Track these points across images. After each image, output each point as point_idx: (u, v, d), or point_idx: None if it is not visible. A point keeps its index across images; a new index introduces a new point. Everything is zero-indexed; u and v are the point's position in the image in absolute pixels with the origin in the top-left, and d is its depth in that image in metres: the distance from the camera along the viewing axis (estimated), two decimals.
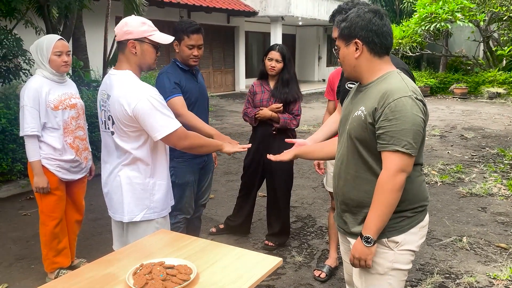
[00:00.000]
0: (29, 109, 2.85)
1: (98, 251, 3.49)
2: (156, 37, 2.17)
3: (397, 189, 1.68)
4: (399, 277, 1.84)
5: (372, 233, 1.73)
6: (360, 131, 1.76)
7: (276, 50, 3.50)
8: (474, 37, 15.68)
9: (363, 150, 1.78)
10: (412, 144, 1.66)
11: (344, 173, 1.86)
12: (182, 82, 2.92)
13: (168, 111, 2.11)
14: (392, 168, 1.67)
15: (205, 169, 3.18)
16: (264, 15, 15.13)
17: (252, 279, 1.68)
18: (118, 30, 2.16)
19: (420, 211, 1.83)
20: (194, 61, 2.95)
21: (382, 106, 1.68)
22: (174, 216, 3.11)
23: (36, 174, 2.92)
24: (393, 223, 1.77)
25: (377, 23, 1.74)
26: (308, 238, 3.98)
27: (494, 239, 3.92)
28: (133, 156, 2.15)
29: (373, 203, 1.73)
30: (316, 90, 17.20)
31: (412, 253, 1.85)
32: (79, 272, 1.80)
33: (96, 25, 8.75)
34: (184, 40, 2.90)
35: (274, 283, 3.20)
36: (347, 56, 1.82)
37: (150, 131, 2.08)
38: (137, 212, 2.21)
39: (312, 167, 6.29)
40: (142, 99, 2.03)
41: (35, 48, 2.92)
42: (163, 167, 2.27)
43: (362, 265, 1.79)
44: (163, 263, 1.73)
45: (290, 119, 3.54)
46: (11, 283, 3.18)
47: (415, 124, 1.66)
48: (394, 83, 1.72)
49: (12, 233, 4.05)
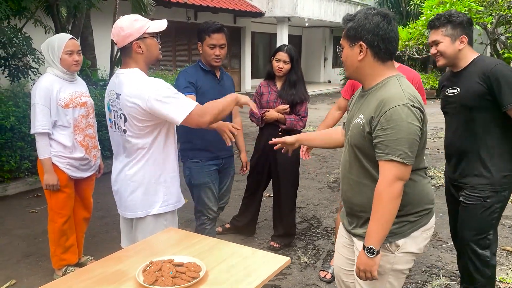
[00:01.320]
0: (40, 107, 2.88)
1: (105, 248, 3.51)
2: (152, 27, 2.19)
3: (394, 197, 1.69)
4: (398, 276, 1.87)
5: (375, 243, 1.72)
6: (359, 139, 1.79)
7: (284, 51, 3.50)
8: (481, 40, 15.60)
9: (362, 158, 1.80)
10: (408, 153, 1.66)
11: (347, 178, 1.90)
12: (199, 82, 2.93)
13: (180, 95, 2.11)
14: (388, 177, 1.68)
15: (223, 173, 3.20)
16: (271, 16, 15.13)
17: (261, 278, 1.70)
18: (116, 37, 2.15)
19: (424, 214, 1.83)
20: (216, 61, 2.96)
21: (378, 115, 1.69)
22: (198, 217, 3.14)
23: (46, 172, 2.95)
24: (395, 228, 1.77)
25: (384, 28, 1.73)
26: (313, 238, 3.99)
27: (501, 242, 3.91)
28: (146, 151, 2.18)
29: (372, 213, 1.73)
30: (321, 91, 17.20)
31: (413, 255, 1.86)
32: (89, 268, 1.82)
33: (104, 25, 8.79)
34: (205, 40, 2.92)
35: (280, 283, 3.21)
36: (350, 57, 1.81)
37: (170, 118, 2.07)
38: (152, 206, 2.24)
39: (318, 168, 6.30)
40: (153, 92, 2.05)
41: (46, 47, 2.95)
42: (173, 160, 2.30)
43: (368, 277, 1.77)
44: (173, 260, 1.75)
45: (297, 120, 3.55)
46: (19, 279, 3.22)
47: (411, 133, 1.66)
48: (392, 90, 1.72)
49: (20, 230, 4.09)
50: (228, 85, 3.17)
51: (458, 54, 2.47)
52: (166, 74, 8.41)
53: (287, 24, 15.53)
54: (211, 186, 3.08)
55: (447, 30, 2.44)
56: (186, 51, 13.65)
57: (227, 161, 3.20)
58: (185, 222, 4.23)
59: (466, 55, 2.47)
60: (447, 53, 2.47)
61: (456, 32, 2.43)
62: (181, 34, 12.81)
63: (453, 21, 2.43)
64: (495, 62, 2.40)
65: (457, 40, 2.44)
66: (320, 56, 20.64)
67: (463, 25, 2.44)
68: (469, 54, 2.48)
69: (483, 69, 2.39)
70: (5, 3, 4.79)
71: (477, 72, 2.41)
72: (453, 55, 2.47)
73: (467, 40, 2.45)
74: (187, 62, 12.70)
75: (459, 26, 2.43)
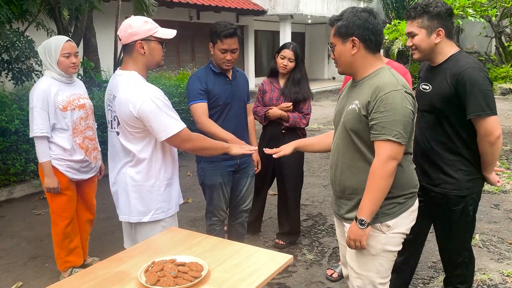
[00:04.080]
0: (38, 111, 2.87)
1: (111, 249, 3.52)
2: (160, 33, 2.18)
3: (388, 175, 1.83)
4: (389, 257, 2.00)
5: (366, 216, 1.87)
6: (354, 122, 1.90)
7: (290, 49, 3.47)
8: (486, 33, 15.49)
9: (357, 140, 1.92)
10: (402, 133, 1.81)
11: (341, 163, 2.01)
12: (210, 85, 2.91)
13: (173, 112, 2.11)
14: (383, 156, 1.82)
15: (240, 173, 3.14)
16: (273, 14, 15.10)
17: (263, 276, 1.69)
18: (123, 33, 2.14)
19: (410, 197, 1.98)
20: (226, 66, 2.93)
21: (374, 99, 1.83)
22: (209, 218, 3.14)
23: (47, 175, 2.95)
24: (386, 209, 1.92)
25: (372, 22, 1.88)
26: (319, 236, 3.98)
27: (507, 236, 3.88)
28: (138, 156, 2.16)
29: (366, 188, 1.87)
30: (325, 88, 17.14)
31: (403, 235, 2.00)
32: (91, 269, 1.82)
33: (107, 26, 8.82)
34: (217, 44, 2.86)
35: (285, 280, 3.20)
36: (344, 53, 1.93)
37: (155, 132, 2.08)
38: (144, 213, 2.22)
39: (323, 165, 6.28)
40: (147, 100, 2.03)
41: (43, 50, 2.94)
42: (169, 166, 2.26)
43: (357, 246, 1.92)
44: (175, 260, 1.75)
45: (300, 118, 3.53)
46: (26, 282, 3.23)
47: (405, 115, 1.81)
48: (386, 78, 1.86)
49: (26, 232, 4.11)
50: (241, 84, 3.13)
51: (435, 48, 2.28)
52: (169, 74, 8.41)
53: (290, 21, 15.48)
54: (224, 187, 3.06)
55: (423, 21, 2.25)
56: (189, 51, 13.66)
57: (244, 161, 3.12)
58: (190, 221, 4.24)
59: (442, 50, 2.29)
60: (422, 46, 2.28)
61: (432, 24, 2.24)
62: (184, 34, 12.81)
63: (429, 11, 2.22)
64: (468, 64, 2.20)
65: (434, 33, 2.25)
66: (323, 53, 20.57)
67: (440, 16, 2.23)
68: (447, 49, 2.29)
69: (454, 70, 2.23)
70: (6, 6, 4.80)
71: (449, 72, 2.25)
72: (429, 49, 2.29)
73: (444, 33, 2.26)
74: (190, 62, 12.71)
75: (436, 17, 2.23)
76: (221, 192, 3.06)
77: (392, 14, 17.79)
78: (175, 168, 2.32)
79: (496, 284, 3.10)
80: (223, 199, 3.08)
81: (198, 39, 13.66)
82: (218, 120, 2.94)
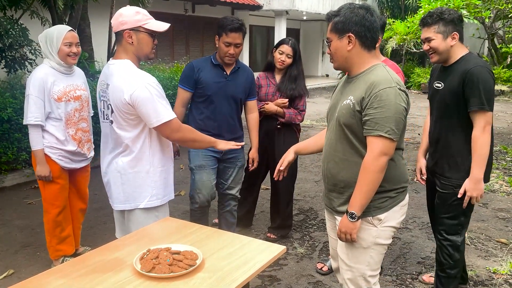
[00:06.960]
0: (34, 99, 2.86)
1: (103, 239, 3.53)
2: (151, 25, 2.18)
3: (379, 170, 1.87)
4: (379, 251, 2.04)
5: (357, 209, 1.91)
6: (348, 117, 1.93)
7: (289, 45, 3.47)
8: (479, 34, 15.62)
9: (351, 135, 1.95)
10: (394, 130, 1.84)
11: (333, 156, 2.04)
12: (202, 73, 3.01)
13: (165, 101, 2.13)
14: (375, 151, 1.85)
15: (227, 163, 3.23)
16: (269, 9, 15.07)
17: (257, 266, 1.72)
18: (114, 21, 2.17)
19: (401, 191, 2.03)
20: (229, 59, 3.01)
21: (369, 95, 1.86)
22: (191, 202, 3.23)
23: (39, 163, 2.94)
24: (377, 203, 1.96)
25: (369, 19, 1.91)
26: (310, 230, 4.02)
27: (495, 234, 3.95)
28: (132, 145, 2.17)
29: (358, 182, 1.90)
30: (319, 85, 17.18)
31: (393, 229, 2.05)
32: (87, 256, 1.83)
33: (101, 17, 8.76)
34: (222, 37, 2.96)
35: (276, 273, 3.23)
36: (340, 49, 1.96)
37: (146, 119, 2.10)
38: (138, 199, 2.24)
39: (315, 161, 6.32)
40: (140, 87, 2.06)
41: (45, 38, 2.93)
42: (163, 154, 2.28)
43: (348, 238, 1.97)
44: (170, 248, 1.77)
45: (295, 114, 3.55)
46: (17, 270, 3.23)
47: (398, 112, 1.85)
48: (380, 75, 1.89)
49: (18, 221, 4.10)
50: (240, 82, 3.16)
51: (450, 50, 2.56)
52: (163, 66, 8.38)
53: (285, 17, 15.47)
54: (205, 171, 3.11)
55: (439, 27, 2.52)
56: (184, 44, 13.60)
57: (230, 151, 3.14)
58: (182, 214, 4.26)
59: (455, 52, 2.56)
60: (440, 49, 2.55)
61: (448, 29, 2.52)
62: (179, 26, 12.75)
63: (444, 18, 2.51)
64: (478, 63, 2.47)
65: (449, 37, 2.53)
66: (318, 50, 20.58)
67: (454, 22, 2.52)
68: (459, 51, 2.57)
69: (464, 68, 2.48)
70: None
71: (460, 70, 2.50)
72: (446, 51, 2.56)
73: (458, 37, 2.54)
74: (184, 55, 12.67)
75: (450, 23, 2.51)
76: (202, 176, 3.11)
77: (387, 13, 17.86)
78: (169, 156, 2.34)
79: (482, 281, 3.17)
80: (204, 183, 3.12)
81: (193, 32, 13.60)
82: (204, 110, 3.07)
